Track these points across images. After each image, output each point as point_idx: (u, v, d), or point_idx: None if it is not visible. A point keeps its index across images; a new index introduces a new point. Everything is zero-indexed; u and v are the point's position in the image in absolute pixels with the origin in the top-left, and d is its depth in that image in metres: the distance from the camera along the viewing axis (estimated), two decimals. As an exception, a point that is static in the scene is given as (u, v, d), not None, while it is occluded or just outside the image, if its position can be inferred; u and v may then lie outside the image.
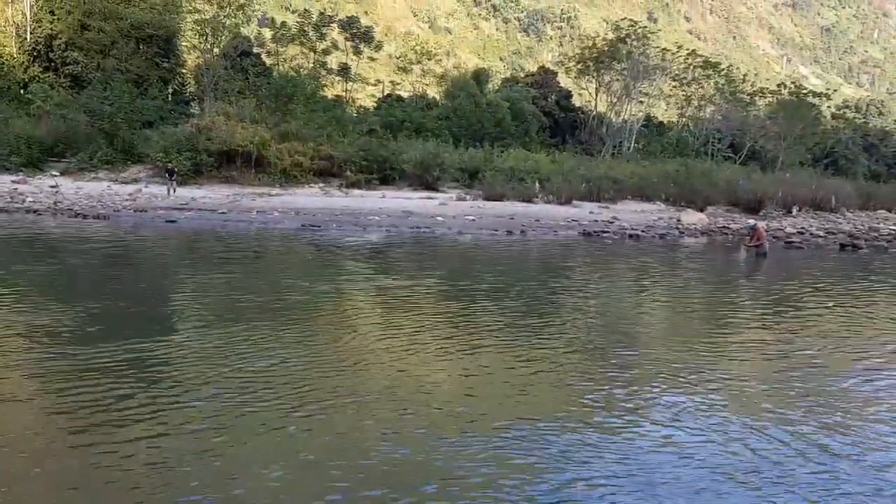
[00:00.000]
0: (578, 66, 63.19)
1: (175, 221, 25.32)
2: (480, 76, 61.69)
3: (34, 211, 26.24)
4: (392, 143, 41.28)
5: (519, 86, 63.49)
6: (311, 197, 33.25)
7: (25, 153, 36.29)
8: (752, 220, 25.22)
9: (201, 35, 48.29)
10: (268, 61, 58.76)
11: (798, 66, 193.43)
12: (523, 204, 33.53)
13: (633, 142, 61.31)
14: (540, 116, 58.68)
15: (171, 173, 32.66)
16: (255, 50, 59.37)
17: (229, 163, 36.78)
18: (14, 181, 32.73)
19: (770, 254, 22.07)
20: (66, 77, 46.19)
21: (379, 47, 69.66)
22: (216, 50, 48.98)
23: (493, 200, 33.90)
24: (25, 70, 47.30)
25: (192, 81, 53.44)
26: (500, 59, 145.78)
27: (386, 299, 13.46)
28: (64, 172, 36.01)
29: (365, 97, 71.15)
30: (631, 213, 32.97)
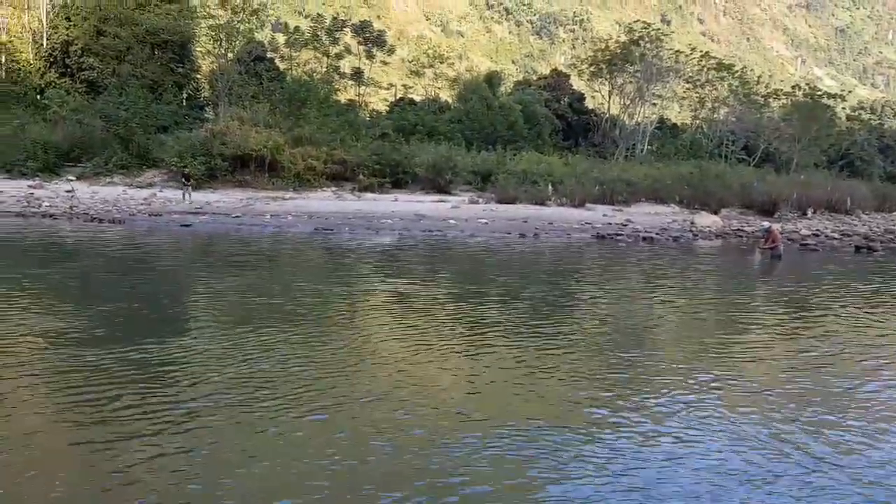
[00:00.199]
0: (591, 69, 63.09)
1: (190, 225, 25.48)
2: (493, 79, 61.77)
3: (51, 215, 26.47)
4: (404, 147, 41.36)
5: (531, 88, 63.55)
6: (324, 201, 33.37)
7: (42, 158, 36.70)
8: (766, 223, 25.08)
9: (215, 40, 48.63)
10: (281, 66, 59.17)
11: (812, 68, 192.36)
12: (536, 207, 33.48)
13: (647, 144, 61.14)
14: (552, 119, 58.67)
15: (186, 178, 32.74)
16: (269, 55, 59.81)
17: (243, 167, 37.01)
18: (31, 186, 33.10)
19: (785, 256, 21.92)
20: (81, 82, 46.72)
21: (391, 51, 70.05)
22: (230, 55, 49.30)
23: (505, 203, 33.87)
24: (42, 76, 47.90)
25: (207, 86, 53.85)
26: (512, 63, 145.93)
27: (397, 302, 13.48)
28: (80, 177, 36.36)
29: (377, 101, 71.52)
30: (645, 216, 32.85)
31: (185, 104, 49.85)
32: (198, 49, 52.08)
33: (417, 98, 64.81)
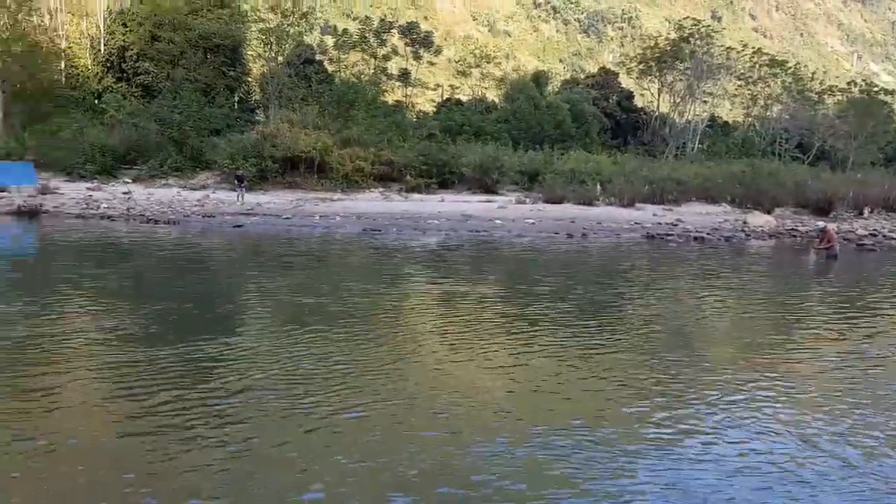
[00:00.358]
0: (640, 67, 62.41)
1: (242, 226, 25.98)
2: (540, 78, 61.50)
3: (108, 217, 27.25)
4: (451, 147, 41.42)
5: (579, 87, 63.08)
6: (371, 202, 33.64)
7: (100, 161, 37.84)
8: (821, 222, 24.49)
9: (266, 44, 49.50)
10: (330, 68, 59.80)
11: (869, 63, 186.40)
12: (584, 206, 33.16)
13: (697, 142, 60.15)
14: (601, 118, 58.13)
15: (240, 180, 33.08)
16: (318, 57, 60.50)
17: (293, 169, 37.58)
18: (89, 188, 34.14)
19: (841, 256, 21.37)
20: (137, 87, 47.94)
21: (438, 52, 70.23)
22: (280, 58, 50.07)
23: (552, 203, 33.62)
24: (99, 81, 49.32)
25: (258, 89, 54.76)
26: (559, 61, 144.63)
27: (442, 302, 13.56)
28: (136, 179, 37.40)
29: (424, 102, 71.77)
30: (695, 216, 32.28)
31: (236, 107, 50.76)
32: (249, 53, 53.04)
33: (464, 98, 64.83)
